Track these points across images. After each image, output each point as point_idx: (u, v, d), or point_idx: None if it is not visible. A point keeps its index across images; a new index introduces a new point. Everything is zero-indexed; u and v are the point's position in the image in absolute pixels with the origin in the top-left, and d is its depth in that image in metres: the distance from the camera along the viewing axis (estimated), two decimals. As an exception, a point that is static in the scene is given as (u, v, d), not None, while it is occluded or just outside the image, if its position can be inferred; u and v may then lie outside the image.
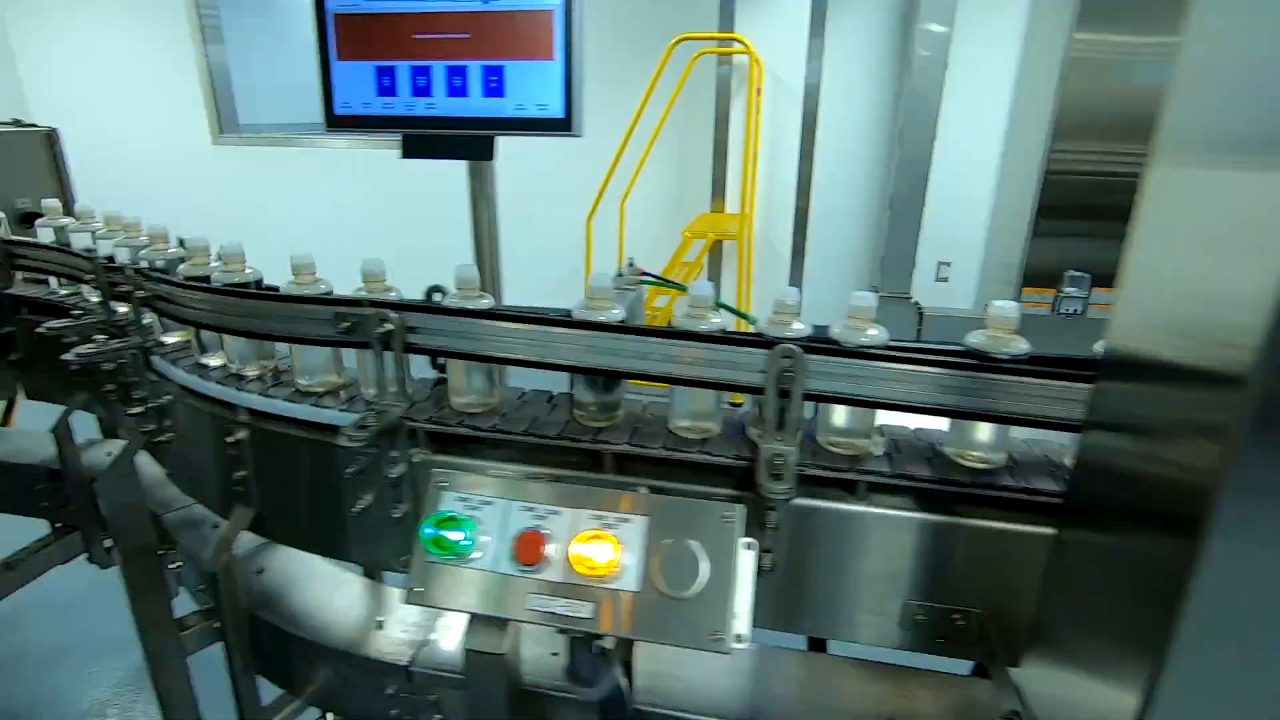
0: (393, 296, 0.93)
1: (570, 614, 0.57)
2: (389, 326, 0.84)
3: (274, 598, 1.14)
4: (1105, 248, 3.82)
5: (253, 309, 0.91)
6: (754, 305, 4.16)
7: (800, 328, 0.75)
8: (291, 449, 0.95)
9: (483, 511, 0.62)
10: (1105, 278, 3.90)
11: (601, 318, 0.82)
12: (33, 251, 1.38)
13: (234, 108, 5.65)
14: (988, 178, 4.51)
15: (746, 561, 0.60)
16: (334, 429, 0.94)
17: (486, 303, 0.84)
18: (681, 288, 0.94)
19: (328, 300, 0.87)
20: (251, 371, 1.03)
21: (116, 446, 1.60)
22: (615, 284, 1.08)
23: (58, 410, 1.40)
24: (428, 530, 0.60)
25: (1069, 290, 3.94)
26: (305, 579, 1.19)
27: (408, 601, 0.62)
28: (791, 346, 0.74)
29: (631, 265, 1.14)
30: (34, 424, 1.66)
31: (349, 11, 1.23)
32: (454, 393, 0.92)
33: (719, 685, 0.88)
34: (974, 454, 0.75)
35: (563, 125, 1.19)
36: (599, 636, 0.64)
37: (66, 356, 1.07)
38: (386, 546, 0.95)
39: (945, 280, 4.73)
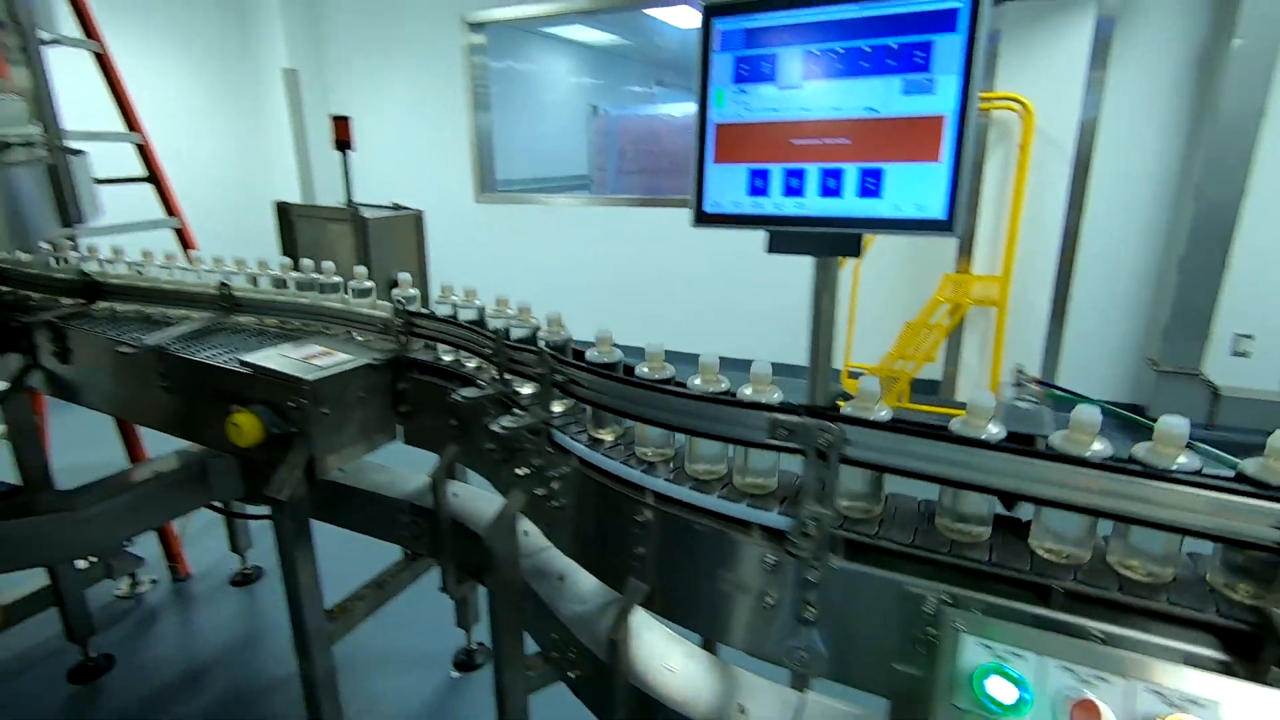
0: (776, 397, 0.97)
1: (1140, 800, 0.54)
2: (828, 439, 0.88)
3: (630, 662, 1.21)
4: None
5: (685, 408, 1.00)
6: (1003, 375, 3.83)
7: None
8: (700, 538, 1.02)
9: (1015, 664, 0.61)
10: None
11: (1081, 452, 0.79)
12: (431, 324, 1.64)
13: (494, 168, 6.42)
14: (1311, 235, 3.82)
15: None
16: (745, 524, 1.00)
17: (969, 426, 0.84)
18: (1088, 400, 0.88)
19: (767, 407, 0.93)
20: (652, 455, 1.14)
21: (463, 489, 1.85)
22: (1014, 395, 1.04)
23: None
24: (978, 683, 0.60)
25: None
26: (652, 643, 1.26)
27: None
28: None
29: (1021, 372, 1.10)
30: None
31: (730, 122, 1.33)
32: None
33: None
34: None
35: (943, 226, 1.19)
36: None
37: (493, 428, 1.24)
38: (781, 642, 0.98)
39: (1245, 355, 4.04)
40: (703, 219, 1.40)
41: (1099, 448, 0.76)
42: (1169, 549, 0.80)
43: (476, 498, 1.80)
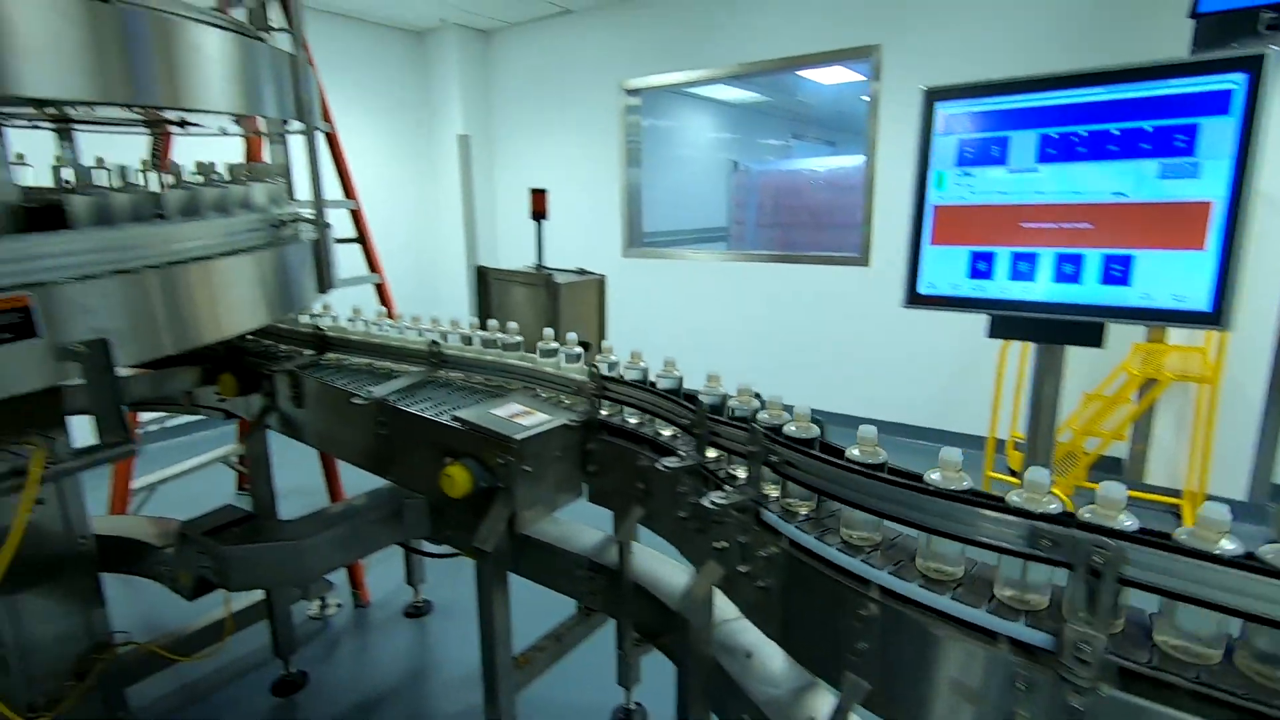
0: (1054, 507, 0.92)
1: None
2: (1104, 556, 0.82)
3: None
4: None
5: (926, 505, 0.97)
6: (1214, 467, 3.39)
7: None
8: (938, 644, 0.97)
9: None
10: None
11: None
12: (624, 389, 1.71)
13: (641, 223, 6.66)
14: None
15: None
16: (992, 634, 0.94)
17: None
18: None
19: (1030, 514, 0.88)
20: (857, 539, 1.11)
21: (638, 549, 1.88)
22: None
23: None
24: None
25: None
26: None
27: None
28: None
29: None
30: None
31: (951, 204, 1.31)
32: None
33: None
34: None
35: (1207, 319, 1.09)
36: None
37: (703, 502, 1.27)
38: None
39: None
40: (916, 300, 1.38)
41: None
42: None
43: (654, 559, 1.82)
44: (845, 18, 5.03)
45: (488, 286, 2.54)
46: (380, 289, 3.29)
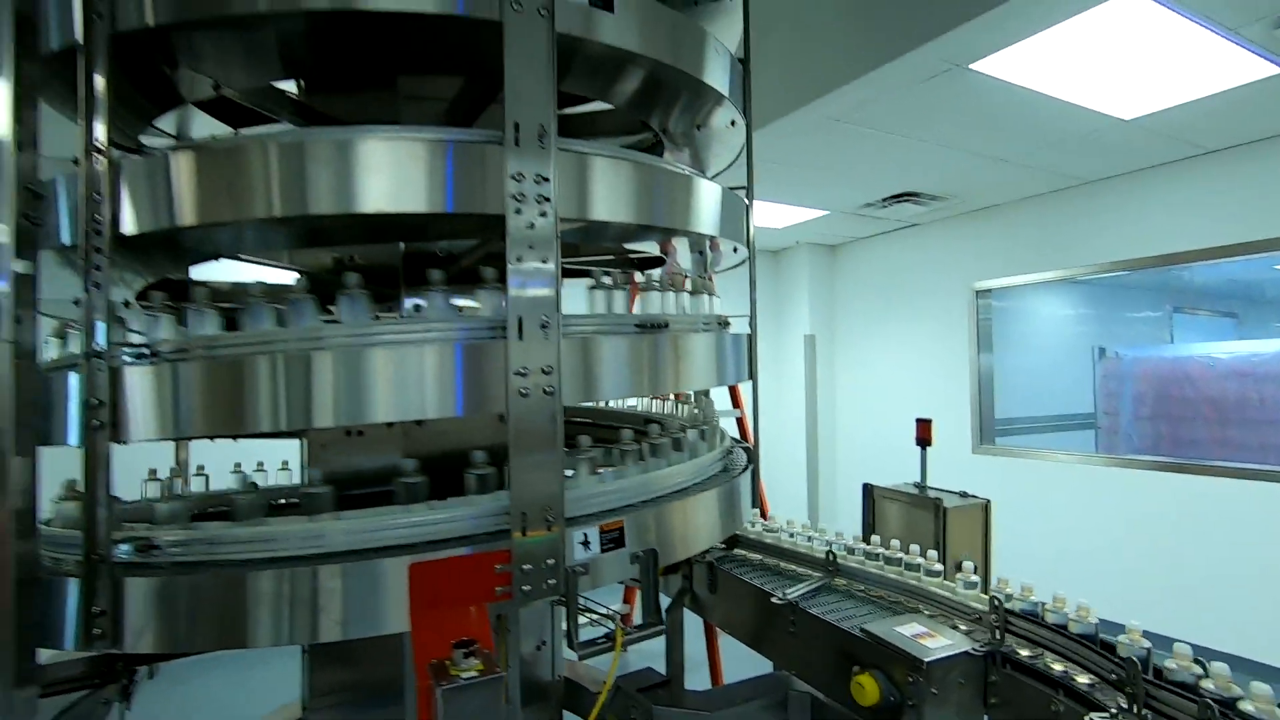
0: None
1: None
2: None
3: None
4: None
5: None
6: None
7: None
8: None
9: None
10: None
11: None
12: (1030, 627, 1.81)
13: (993, 415, 6.40)
14: None
15: None
16: None
17: None
18: None
19: None
20: None
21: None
22: None
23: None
24: None
25: None
26: None
27: None
28: None
29: None
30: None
31: None
32: None
33: None
34: None
35: None
36: None
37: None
38: None
39: None
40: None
41: None
42: None
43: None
44: (1252, 212, 4.60)
45: (873, 503, 2.85)
46: (758, 487, 3.82)
